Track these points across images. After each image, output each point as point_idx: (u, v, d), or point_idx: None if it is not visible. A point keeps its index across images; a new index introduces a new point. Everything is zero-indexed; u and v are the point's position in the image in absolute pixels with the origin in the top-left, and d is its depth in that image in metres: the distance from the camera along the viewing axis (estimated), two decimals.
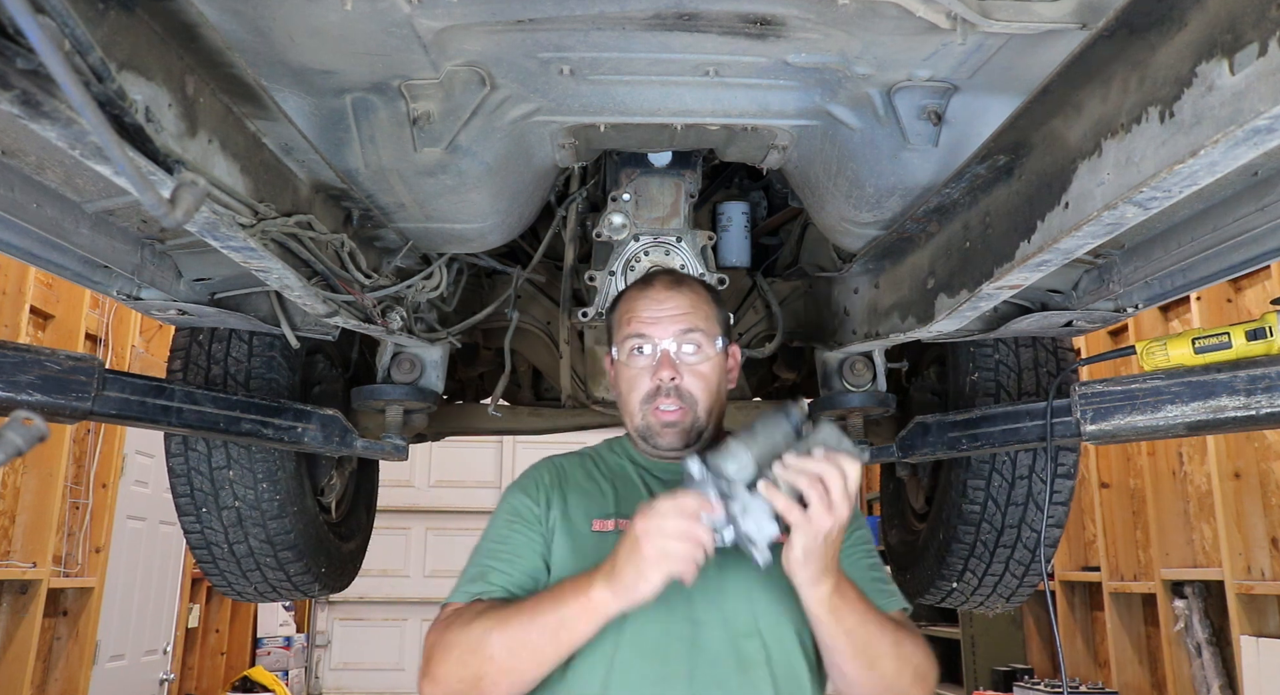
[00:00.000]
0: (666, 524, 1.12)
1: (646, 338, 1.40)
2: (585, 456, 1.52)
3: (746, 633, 1.28)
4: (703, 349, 1.41)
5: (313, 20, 1.12)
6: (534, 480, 1.46)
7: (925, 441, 2.10)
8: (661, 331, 1.40)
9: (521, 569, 1.33)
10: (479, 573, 1.34)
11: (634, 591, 1.14)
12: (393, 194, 1.59)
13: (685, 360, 1.40)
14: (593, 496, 1.42)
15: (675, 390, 1.38)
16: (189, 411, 1.89)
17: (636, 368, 1.41)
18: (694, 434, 1.39)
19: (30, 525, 4.26)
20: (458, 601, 1.31)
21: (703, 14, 1.16)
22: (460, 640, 1.22)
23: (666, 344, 1.39)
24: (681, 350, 1.40)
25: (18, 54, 0.76)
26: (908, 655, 1.24)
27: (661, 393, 1.38)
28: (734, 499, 1.13)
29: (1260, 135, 0.83)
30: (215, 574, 2.46)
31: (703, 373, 1.40)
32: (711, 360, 1.42)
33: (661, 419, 1.38)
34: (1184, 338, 1.73)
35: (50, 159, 1.39)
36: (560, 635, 1.18)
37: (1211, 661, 4.45)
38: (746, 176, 2.36)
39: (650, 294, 1.44)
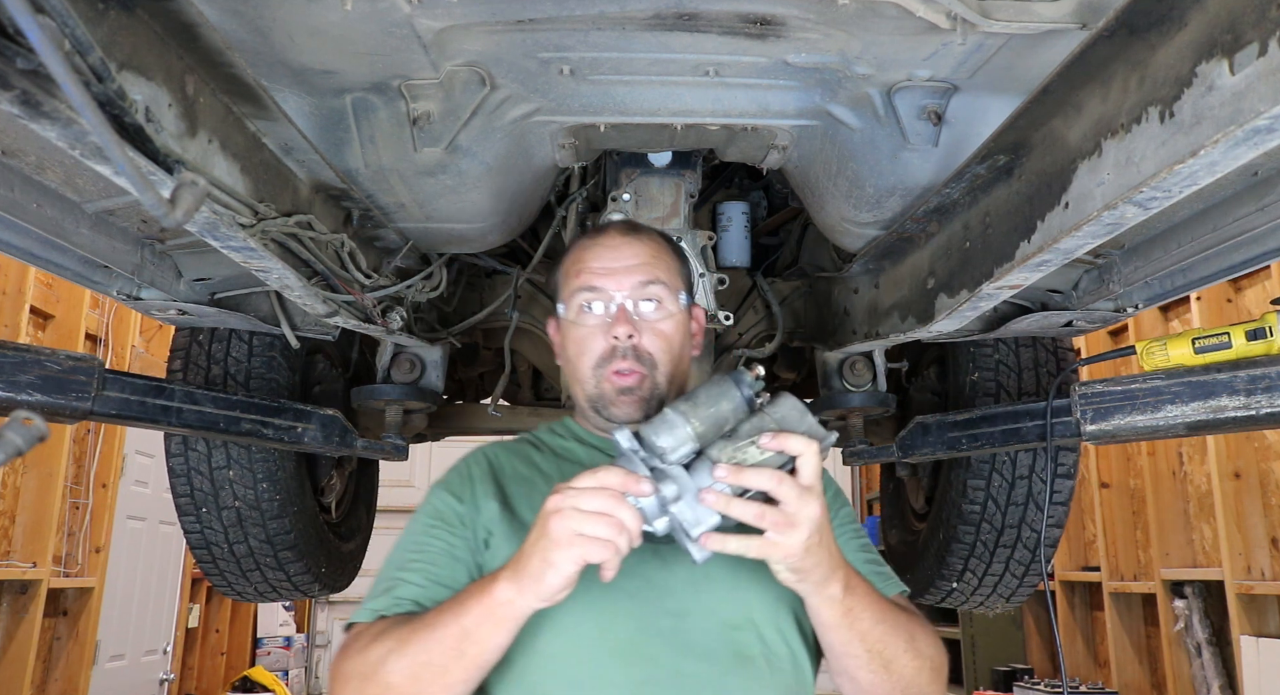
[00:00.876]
0: (582, 501, 0.94)
1: (599, 291, 1.22)
2: (523, 442, 1.33)
3: (739, 623, 1.11)
4: (664, 305, 1.23)
5: (313, 20, 1.12)
6: (460, 474, 1.26)
7: (925, 441, 2.10)
8: (617, 284, 1.22)
9: (438, 580, 1.13)
10: (387, 586, 1.14)
11: (541, 583, 0.95)
12: (393, 194, 1.59)
13: (644, 317, 1.22)
14: (536, 486, 1.23)
15: (633, 351, 1.20)
16: (189, 411, 1.89)
17: (587, 327, 1.23)
18: (654, 403, 1.20)
19: (30, 525, 4.26)
20: (362, 621, 1.11)
21: (703, 14, 1.16)
22: (356, 669, 1.04)
23: (623, 298, 1.22)
24: (640, 306, 1.22)
25: (18, 54, 0.76)
26: (923, 650, 1.10)
27: (617, 354, 1.20)
28: (668, 479, 0.96)
29: (1260, 135, 0.83)
30: (215, 574, 2.46)
31: (664, 332, 1.23)
32: (674, 318, 1.24)
33: (617, 385, 1.20)
34: (1184, 338, 1.73)
35: (50, 159, 1.39)
36: (465, 648, 0.99)
37: (1211, 661, 4.45)
38: (746, 176, 2.37)
39: (604, 242, 1.26)
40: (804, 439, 0.97)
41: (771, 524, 0.95)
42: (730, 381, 0.99)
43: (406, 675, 1.01)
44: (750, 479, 0.95)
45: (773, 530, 0.95)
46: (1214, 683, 4.41)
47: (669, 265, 1.27)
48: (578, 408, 1.31)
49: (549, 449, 1.30)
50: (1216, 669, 4.43)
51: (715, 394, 0.98)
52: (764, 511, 0.95)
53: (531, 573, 0.96)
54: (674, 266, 1.28)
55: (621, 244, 1.25)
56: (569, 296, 1.26)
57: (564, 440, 1.31)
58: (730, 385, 0.99)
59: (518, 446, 1.31)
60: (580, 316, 1.24)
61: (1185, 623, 4.62)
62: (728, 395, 0.98)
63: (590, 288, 1.23)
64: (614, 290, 1.22)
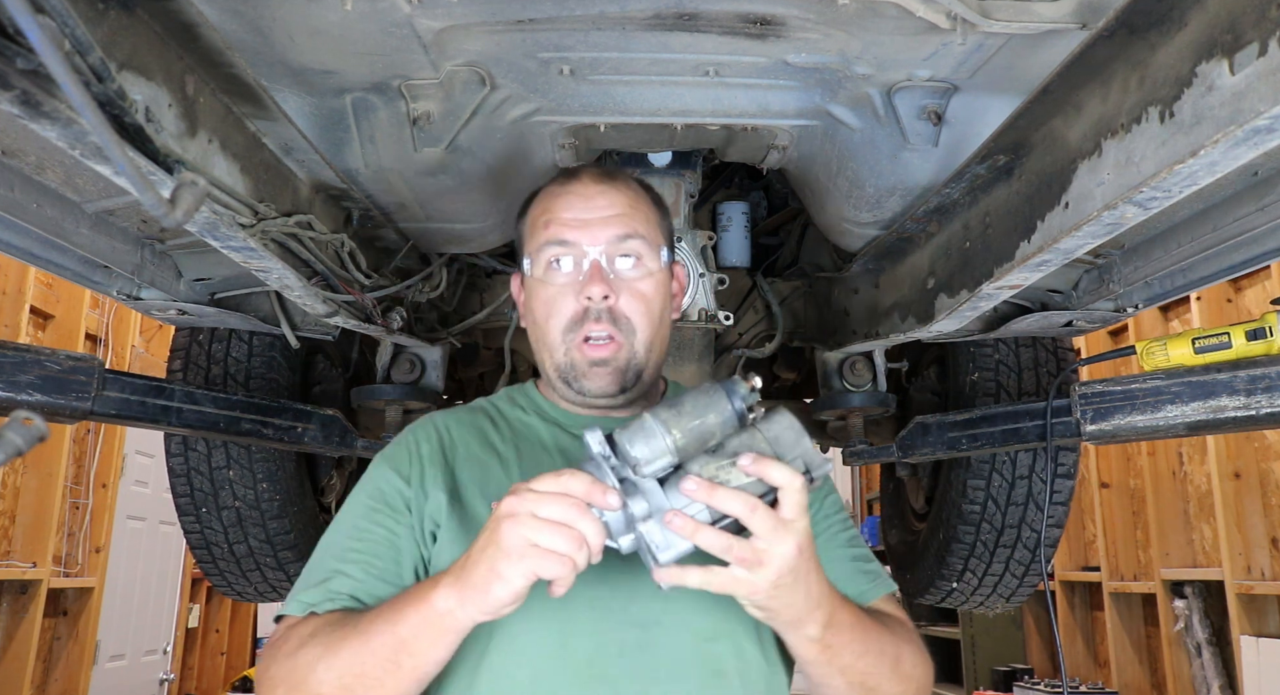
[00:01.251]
0: (541, 506, 0.83)
1: (570, 245, 1.09)
2: (478, 412, 1.18)
3: (713, 635, 1.01)
4: (643, 262, 1.11)
5: (313, 20, 1.12)
6: (408, 450, 1.12)
7: (925, 441, 2.10)
8: (590, 237, 1.09)
9: (379, 575, 1.02)
10: (322, 577, 1.02)
11: (486, 596, 0.84)
12: (393, 194, 1.59)
13: (621, 275, 1.09)
14: (489, 468, 1.10)
15: (608, 314, 1.08)
16: (189, 411, 1.89)
17: (556, 285, 1.10)
18: (630, 374, 1.10)
19: (30, 525, 4.26)
20: (293, 614, 1.01)
21: (703, 14, 1.16)
22: (284, 674, 0.93)
23: (597, 254, 1.09)
24: (616, 263, 1.10)
25: (18, 54, 0.76)
26: (908, 672, 1.01)
27: (590, 316, 1.08)
28: (638, 494, 0.86)
29: (1260, 135, 0.83)
30: (215, 574, 2.46)
31: (642, 292, 1.10)
32: (654, 276, 1.11)
33: (589, 355, 1.08)
34: (1184, 338, 1.73)
35: (50, 159, 1.39)
36: (400, 660, 0.89)
37: (1211, 661, 4.45)
38: (746, 176, 2.37)
39: (575, 189, 1.13)
40: (787, 470, 0.86)
41: (738, 558, 0.85)
42: (721, 391, 0.89)
43: (336, 686, 0.90)
44: (722, 500, 0.84)
45: (738, 565, 0.85)
46: (1214, 683, 4.41)
47: (648, 216, 1.14)
48: (543, 376, 1.17)
49: (506, 424, 1.16)
50: (1216, 669, 4.43)
51: (703, 404, 0.88)
52: (731, 544, 0.84)
53: (476, 583, 0.85)
54: (653, 218, 1.15)
55: (595, 192, 1.12)
56: (536, 250, 1.12)
57: (524, 414, 1.17)
58: (721, 395, 0.89)
59: (471, 418, 1.17)
60: (548, 273, 1.11)
61: (1185, 623, 4.62)
62: (716, 406, 0.88)
63: (560, 241, 1.10)
64: (587, 245, 1.09)
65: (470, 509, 1.07)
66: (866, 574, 1.12)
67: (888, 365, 2.24)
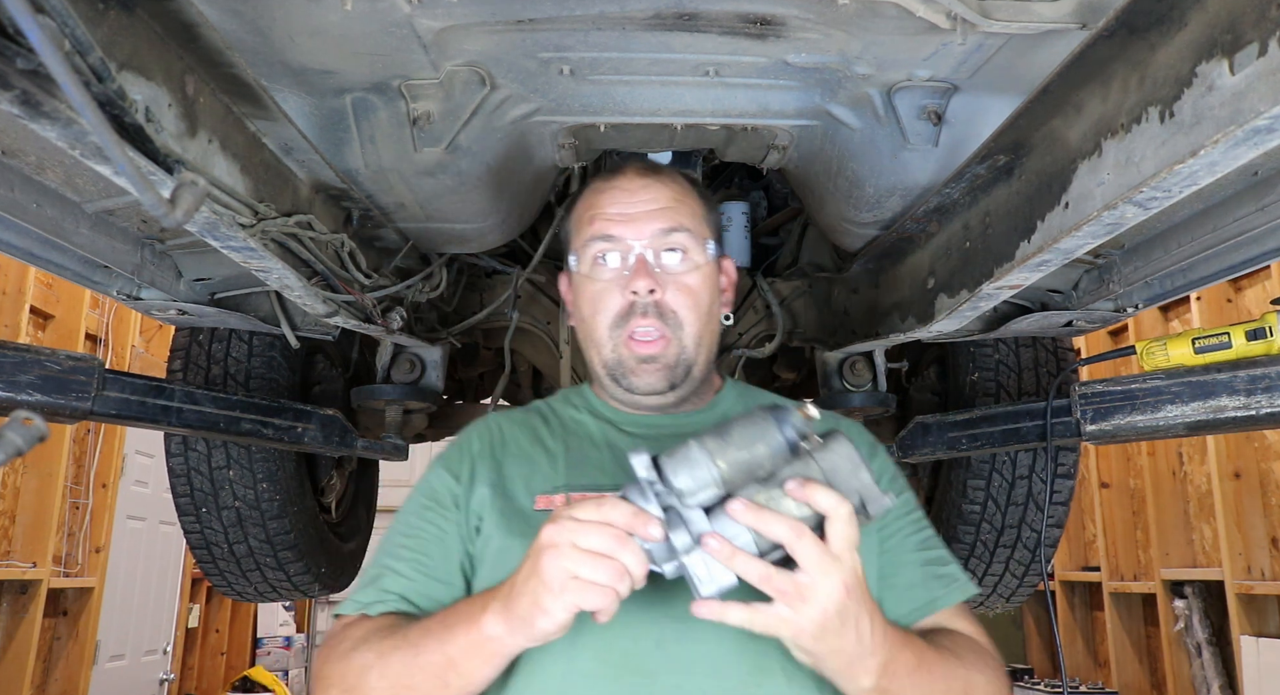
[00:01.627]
0: (581, 536, 0.82)
1: (615, 240, 1.09)
2: (534, 413, 1.20)
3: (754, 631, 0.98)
4: (690, 255, 1.09)
5: (313, 20, 1.12)
6: (460, 449, 1.14)
7: (925, 441, 2.10)
8: (636, 231, 1.08)
9: (428, 572, 1.04)
10: (375, 574, 1.07)
11: (532, 628, 0.85)
12: (393, 194, 1.59)
13: (667, 269, 1.08)
14: (537, 464, 1.10)
15: (655, 308, 1.06)
16: (189, 411, 1.89)
17: (602, 281, 1.09)
18: (680, 370, 1.08)
19: (30, 525, 4.26)
20: (348, 613, 1.06)
21: (703, 14, 1.16)
22: (338, 676, 0.97)
23: (642, 248, 1.08)
24: (662, 257, 1.08)
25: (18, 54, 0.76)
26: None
27: (636, 311, 1.06)
28: (681, 526, 0.83)
29: (1260, 135, 0.83)
30: (215, 574, 2.47)
31: (690, 286, 1.08)
32: (701, 270, 1.10)
33: (637, 351, 1.07)
34: (1184, 338, 1.73)
35: (50, 159, 1.39)
36: (449, 679, 0.90)
37: (1211, 661, 4.45)
38: (746, 176, 2.37)
39: (620, 184, 1.13)
40: (834, 496, 0.82)
41: (778, 591, 0.81)
42: (771, 421, 0.84)
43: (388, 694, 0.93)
44: (766, 523, 0.81)
45: (780, 600, 0.81)
46: (1214, 683, 4.41)
47: (694, 210, 1.13)
48: (594, 376, 1.17)
49: (558, 421, 1.17)
50: (1216, 669, 4.43)
51: (751, 433, 0.84)
52: (771, 575, 0.81)
53: (521, 614, 0.85)
54: (700, 212, 1.14)
55: (640, 186, 1.11)
56: (581, 246, 1.11)
57: (576, 412, 1.17)
58: (770, 425, 0.84)
59: (525, 417, 1.19)
60: (594, 269, 1.10)
61: (1185, 623, 4.62)
62: (765, 437, 0.83)
63: (605, 236, 1.09)
64: (632, 239, 1.08)
65: (515, 502, 1.07)
66: (940, 579, 1.07)
67: (888, 365, 2.24)
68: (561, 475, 1.09)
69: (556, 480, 1.08)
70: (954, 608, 1.07)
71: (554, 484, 1.08)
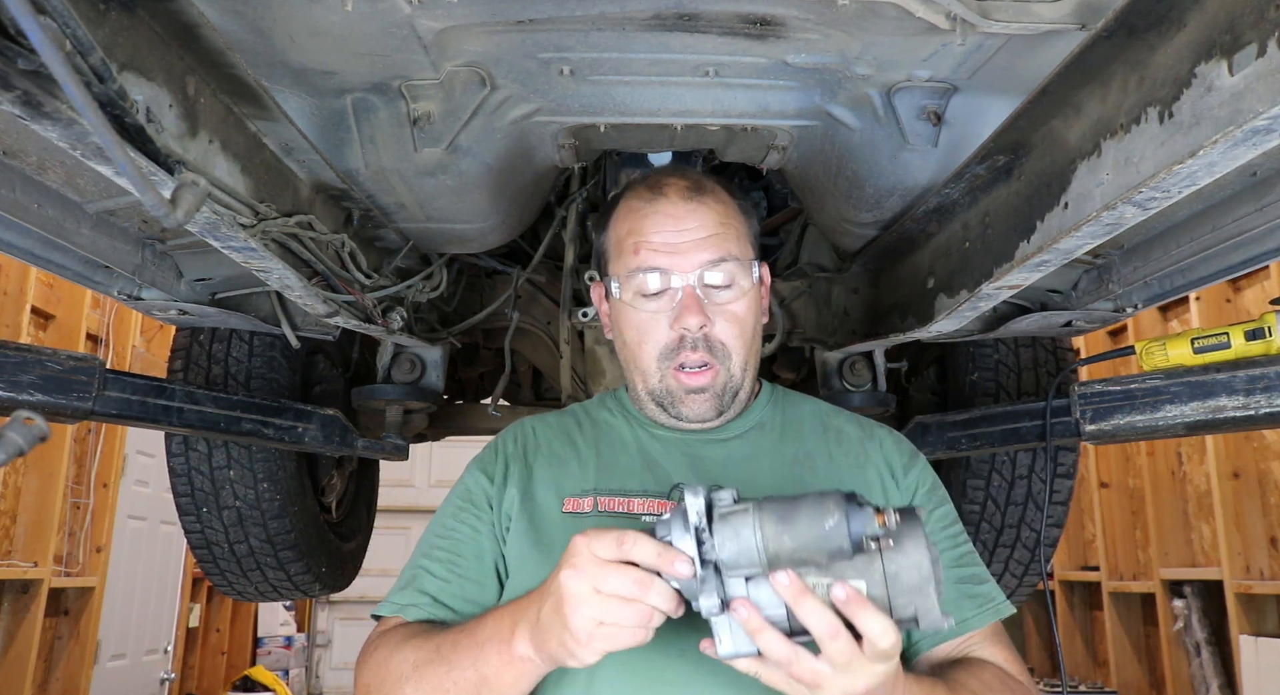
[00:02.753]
0: (604, 582, 0.78)
1: (663, 272, 1.06)
2: (568, 416, 1.20)
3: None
4: (736, 283, 1.07)
5: (313, 21, 1.12)
6: (495, 450, 1.15)
7: (925, 441, 2.10)
8: (684, 263, 1.06)
9: (462, 573, 1.05)
10: (411, 575, 1.08)
11: (564, 663, 0.85)
12: (393, 194, 1.59)
13: (715, 300, 1.07)
14: (568, 467, 1.10)
15: (704, 341, 1.06)
16: (190, 411, 1.89)
17: (649, 312, 1.07)
18: (728, 398, 1.08)
19: (31, 525, 4.26)
20: (384, 614, 1.07)
21: (703, 14, 1.16)
22: (376, 683, 0.98)
23: (691, 279, 1.06)
24: (709, 288, 1.06)
25: (19, 54, 0.76)
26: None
27: (685, 346, 1.06)
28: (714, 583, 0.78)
29: (1259, 136, 0.83)
30: (216, 573, 2.47)
31: (738, 315, 1.07)
32: (748, 296, 1.08)
33: (687, 383, 1.06)
34: (1183, 338, 1.73)
35: (51, 159, 1.39)
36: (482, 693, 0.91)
37: (1210, 661, 4.45)
38: (746, 176, 2.37)
39: (663, 209, 1.09)
40: (881, 622, 0.76)
41: (797, 676, 0.78)
42: (842, 522, 0.76)
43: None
44: (806, 610, 0.76)
45: (798, 683, 0.78)
46: (1213, 682, 4.41)
47: (739, 231, 1.10)
48: (633, 394, 1.16)
49: (591, 424, 1.17)
50: (1215, 668, 4.43)
51: (816, 529, 0.76)
52: (794, 660, 0.77)
53: (551, 651, 0.84)
54: (744, 231, 1.11)
55: (685, 211, 1.08)
56: (625, 275, 1.08)
57: (611, 415, 1.17)
58: (840, 526, 0.75)
59: (559, 420, 1.19)
60: (638, 300, 1.08)
61: (1184, 622, 4.62)
62: (830, 538, 0.76)
63: (651, 268, 1.06)
64: (679, 271, 1.05)
65: (542, 505, 1.07)
66: (973, 599, 1.05)
67: (887, 365, 2.24)
68: (591, 478, 1.09)
69: (586, 483, 1.08)
70: (987, 631, 1.05)
71: (583, 487, 1.08)
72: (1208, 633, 4.50)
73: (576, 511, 1.07)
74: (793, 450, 1.15)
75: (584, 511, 1.06)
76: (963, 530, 1.13)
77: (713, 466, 1.11)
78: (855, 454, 1.15)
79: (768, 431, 1.17)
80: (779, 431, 1.17)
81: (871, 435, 1.19)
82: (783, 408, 1.22)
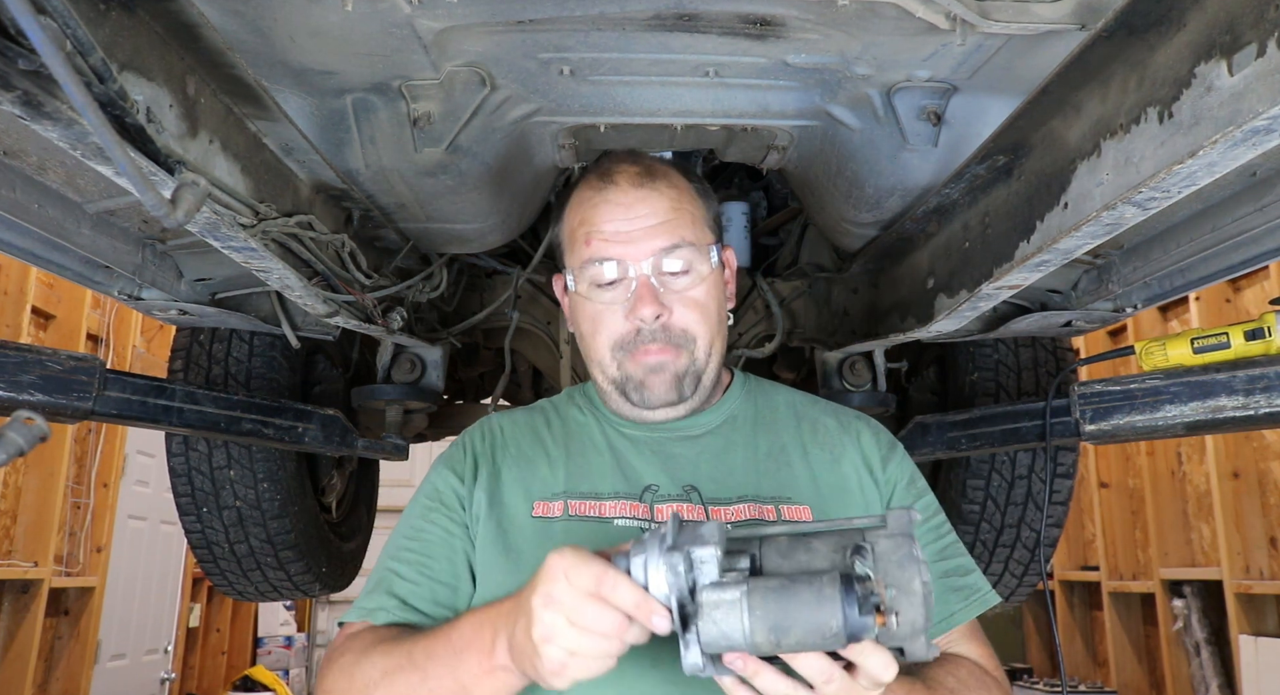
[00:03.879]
0: (579, 616, 0.76)
1: (616, 261, 1.03)
2: (535, 412, 1.16)
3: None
4: (694, 269, 1.04)
5: (313, 21, 1.12)
6: (463, 448, 1.12)
7: (924, 441, 2.11)
8: (635, 251, 1.03)
9: (433, 576, 1.02)
10: (379, 578, 1.04)
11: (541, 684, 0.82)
12: (393, 194, 1.59)
13: (672, 287, 1.04)
14: (536, 467, 1.07)
15: (662, 331, 1.03)
16: (190, 411, 1.89)
17: (603, 303, 1.05)
18: (692, 380, 1.05)
19: (31, 525, 4.26)
20: (353, 620, 1.04)
21: (703, 14, 1.16)
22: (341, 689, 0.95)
23: (644, 268, 1.02)
24: (665, 276, 1.04)
25: (20, 55, 0.76)
26: None
27: (643, 338, 1.03)
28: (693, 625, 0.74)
29: (1259, 136, 0.83)
30: (216, 573, 2.47)
31: (697, 301, 1.04)
32: (706, 280, 1.05)
33: (646, 361, 1.03)
34: (1183, 338, 1.73)
35: (52, 159, 1.39)
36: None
37: (1210, 661, 4.45)
38: (746, 176, 2.37)
39: (613, 197, 1.06)
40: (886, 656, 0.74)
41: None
42: (841, 623, 0.71)
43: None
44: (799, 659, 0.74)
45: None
46: (1212, 682, 4.41)
47: (694, 215, 1.07)
48: (597, 387, 1.13)
49: (560, 423, 1.14)
50: (1215, 668, 4.44)
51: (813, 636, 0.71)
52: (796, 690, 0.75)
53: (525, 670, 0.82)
54: (699, 214, 1.08)
55: (635, 198, 1.04)
56: (577, 266, 1.06)
57: (580, 414, 1.14)
58: (840, 629, 0.71)
59: (528, 417, 1.16)
60: (593, 291, 1.05)
61: (1184, 622, 4.62)
62: (829, 640, 0.71)
63: (603, 258, 1.03)
64: (631, 260, 1.03)
65: (510, 509, 1.04)
66: (959, 592, 1.03)
67: (887, 365, 2.24)
68: (561, 481, 1.06)
69: (556, 486, 1.06)
70: (965, 627, 1.04)
71: (554, 490, 1.06)
72: (1207, 633, 4.50)
73: (546, 516, 1.04)
74: (766, 444, 1.11)
75: (554, 516, 1.03)
76: (945, 520, 1.11)
77: (685, 464, 1.08)
78: (831, 448, 1.12)
79: (740, 424, 1.13)
80: (751, 424, 1.14)
81: (848, 428, 1.16)
82: (755, 399, 1.18)
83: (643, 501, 1.05)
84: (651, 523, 1.03)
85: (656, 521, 1.03)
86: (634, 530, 1.02)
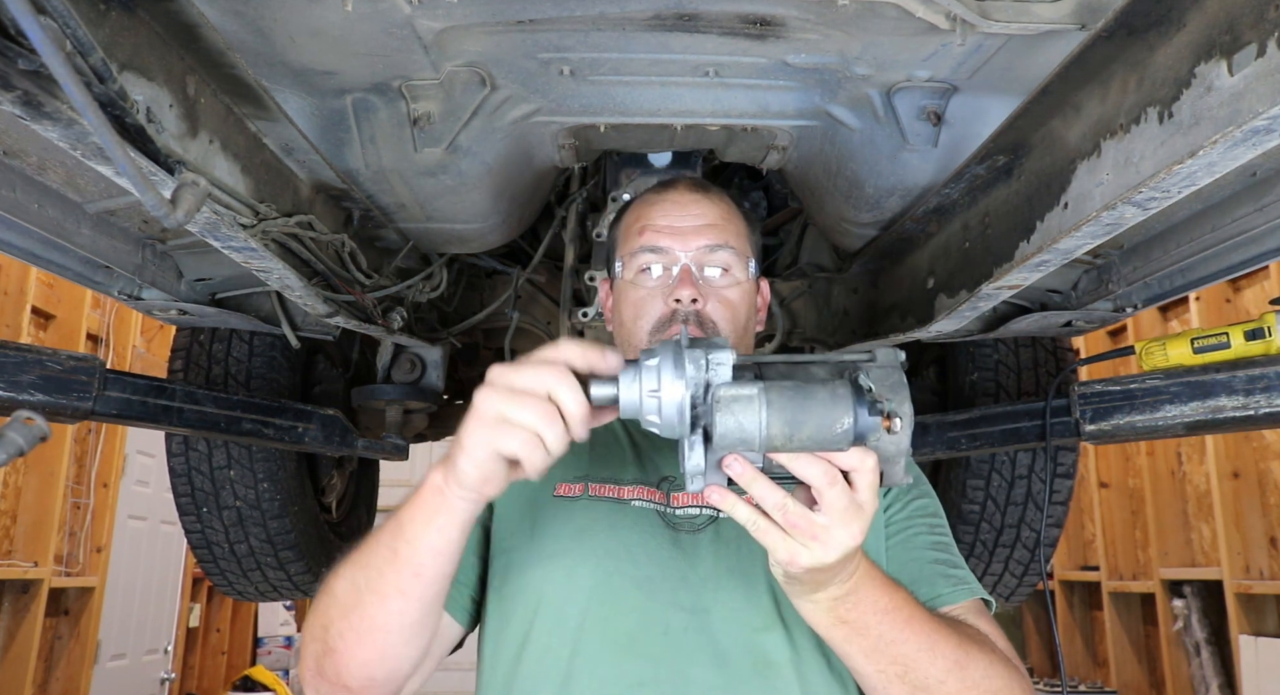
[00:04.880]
0: (519, 376, 0.76)
1: (663, 251, 1.12)
2: None
3: (765, 625, 0.97)
4: (732, 271, 1.14)
5: (314, 21, 1.12)
6: None
7: (924, 441, 2.10)
8: (683, 243, 1.12)
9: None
10: None
11: (456, 470, 0.80)
12: (393, 194, 1.59)
13: (710, 282, 1.12)
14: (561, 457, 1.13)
15: (695, 317, 1.08)
16: (190, 411, 1.89)
17: (646, 288, 1.12)
18: None
19: (32, 525, 4.26)
20: None
21: (702, 14, 1.16)
22: (314, 608, 0.95)
23: (688, 260, 1.11)
24: (706, 270, 1.12)
25: (20, 55, 0.76)
26: (976, 679, 0.89)
27: (677, 318, 1.08)
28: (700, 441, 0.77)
29: (1259, 136, 0.83)
30: (216, 573, 2.47)
31: (730, 300, 1.12)
32: (741, 286, 1.14)
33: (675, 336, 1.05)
34: (1183, 338, 1.74)
35: (52, 159, 1.39)
36: (397, 546, 0.85)
37: (1210, 661, 4.45)
38: (746, 176, 2.37)
39: (671, 197, 1.17)
40: (858, 452, 0.76)
41: (791, 525, 0.77)
42: (850, 423, 0.74)
43: (347, 583, 0.89)
44: (800, 463, 0.75)
45: (790, 532, 0.77)
46: (1212, 682, 4.41)
47: (739, 230, 1.17)
48: None
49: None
50: (1215, 668, 4.44)
51: (824, 433, 0.74)
52: (788, 508, 0.76)
53: (453, 454, 0.80)
54: (744, 232, 1.18)
55: (691, 200, 1.15)
56: (629, 255, 1.15)
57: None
58: (849, 428, 0.74)
59: None
60: (640, 277, 1.13)
61: (1184, 622, 4.63)
62: (838, 439, 0.74)
63: (653, 247, 1.12)
64: (679, 250, 1.11)
65: (530, 488, 1.05)
66: (947, 578, 1.05)
67: None
68: (584, 465, 1.10)
69: (579, 471, 1.09)
70: (970, 606, 1.03)
71: (575, 474, 1.09)
72: (1207, 633, 4.50)
73: (567, 495, 1.08)
74: None
75: (575, 495, 1.07)
76: (945, 522, 1.13)
77: None
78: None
79: None
80: None
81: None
82: None
83: (660, 489, 1.10)
84: (667, 508, 1.07)
85: (672, 506, 1.07)
86: (650, 512, 1.06)
